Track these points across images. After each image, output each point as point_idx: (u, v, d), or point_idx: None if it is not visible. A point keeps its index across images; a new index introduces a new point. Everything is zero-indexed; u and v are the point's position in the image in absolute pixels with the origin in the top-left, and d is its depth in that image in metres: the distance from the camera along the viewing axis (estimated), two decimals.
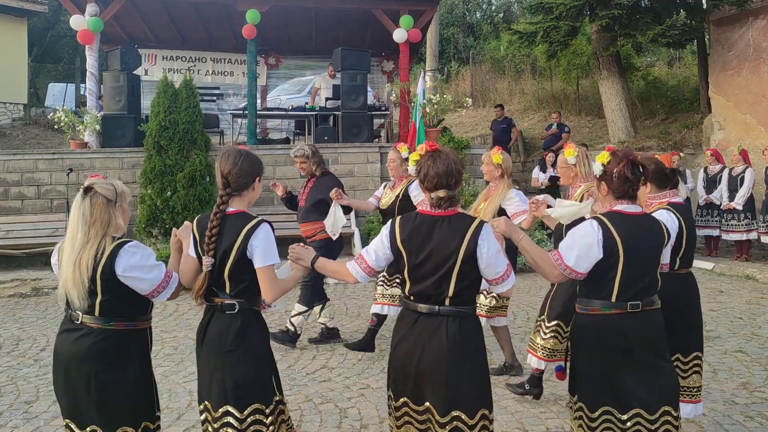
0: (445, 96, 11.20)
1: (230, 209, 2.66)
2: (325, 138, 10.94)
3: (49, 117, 11.96)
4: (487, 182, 4.97)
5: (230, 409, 2.56)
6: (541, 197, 3.87)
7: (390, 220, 2.72)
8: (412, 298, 2.58)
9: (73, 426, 2.55)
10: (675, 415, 2.69)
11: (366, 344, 5.43)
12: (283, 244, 2.80)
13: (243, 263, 2.59)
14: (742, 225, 9.29)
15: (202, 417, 2.67)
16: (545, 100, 18.95)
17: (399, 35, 11.26)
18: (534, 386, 4.32)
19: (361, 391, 4.57)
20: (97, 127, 10.31)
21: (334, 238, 5.29)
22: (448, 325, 2.51)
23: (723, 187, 9.54)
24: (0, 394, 4.60)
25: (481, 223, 2.57)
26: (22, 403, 4.41)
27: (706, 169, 10.02)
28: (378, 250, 2.65)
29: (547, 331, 4.13)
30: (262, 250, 2.58)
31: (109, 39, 13.03)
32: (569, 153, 4.08)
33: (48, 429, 4.02)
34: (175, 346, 5.68)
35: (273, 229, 2.69)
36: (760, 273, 8.46)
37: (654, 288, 2.79)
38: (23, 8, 16.48)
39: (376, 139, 12.40)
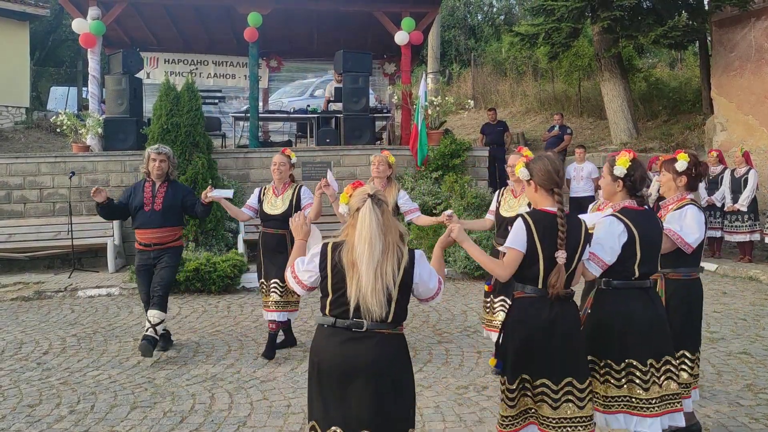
0: (446, 98, 11.15)
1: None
2: (327, 140, 10.93)
3: (51, 120, 11.95)
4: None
5: (574, 381, 2.85)
6: (449, 212, 3.62)
7: (614, 218, 3.04)
8: (639, 275, 3.09)
9: None
10: None
11: None
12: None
13: (583, 252, 2.94)
14: (746, 226, 9.28)
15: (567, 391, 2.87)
16: (547, 102, 18.96)
17: (400, 37, 11.25)
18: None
19: None
20: (100, 130, 10.30)
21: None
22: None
23: (726, 188, 9.53)
24: (3, 397, 4.59)
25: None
26: (24, 407, 4.40)
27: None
28: (614, 246, 3.03)
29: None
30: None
31: (111, 42, 13.05)
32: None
33: None
34: (178, 349, 5.68)
35: None
36: (763, 274, 8.44)
37: None
38: (25, 12, 16.49)
39: (378, 142, 12.38)
